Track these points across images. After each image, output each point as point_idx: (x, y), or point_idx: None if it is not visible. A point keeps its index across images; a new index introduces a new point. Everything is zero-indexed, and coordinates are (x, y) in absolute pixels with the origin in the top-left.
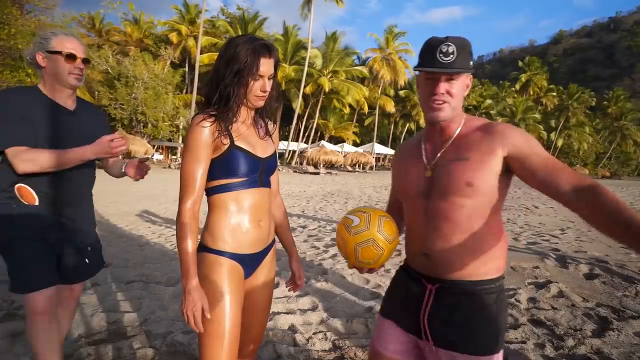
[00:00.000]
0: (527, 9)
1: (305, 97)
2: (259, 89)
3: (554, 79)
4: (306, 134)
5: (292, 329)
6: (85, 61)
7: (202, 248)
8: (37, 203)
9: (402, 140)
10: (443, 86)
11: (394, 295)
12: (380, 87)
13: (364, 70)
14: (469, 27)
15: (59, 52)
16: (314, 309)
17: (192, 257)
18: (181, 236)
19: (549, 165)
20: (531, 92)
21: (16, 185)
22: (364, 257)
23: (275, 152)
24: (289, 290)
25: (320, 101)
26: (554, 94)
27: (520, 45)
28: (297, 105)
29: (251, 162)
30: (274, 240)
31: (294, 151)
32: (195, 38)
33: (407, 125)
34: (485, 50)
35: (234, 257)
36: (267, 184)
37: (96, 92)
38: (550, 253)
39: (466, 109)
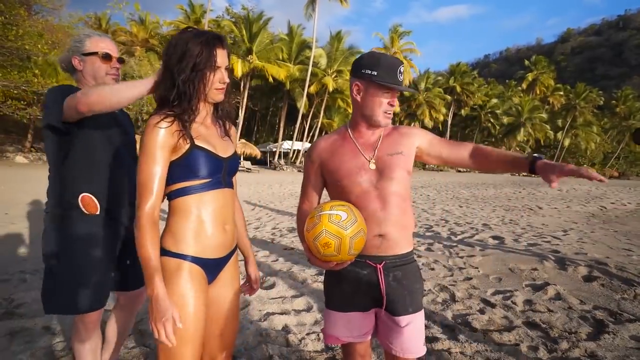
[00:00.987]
0: (534, 7)
1: (309, 97)
2: (218, 81)
3: (561, 78)
4: (311, 134)
5: (286, 329)
6: (120, 60)
7: (163, 251)
8: (98, 212)
9: None
10: (395, 100)
11: (340, 287)
12: None
13: None
14: (475, 26)
15: (95, 53)
16: (308, 309)
17: (156, 264)
18: (142, 243)
19: (447, 144)
20: (538, 92)
21: (80, 195)
22: (356, 248)
23: (236, 152)
24: (244, 295)
25: (324, 100)
26: (561, 93)
27: (527, 43)
28: (302, 104)
29: (213, 162)
30: (236, 245)
31: (299, 150)
32: None
33: (412, 124)
34: (492, 49)
35: (197, 261)
36: (231, 185)
37: None
38: (549, 255)
39: (472, 109)
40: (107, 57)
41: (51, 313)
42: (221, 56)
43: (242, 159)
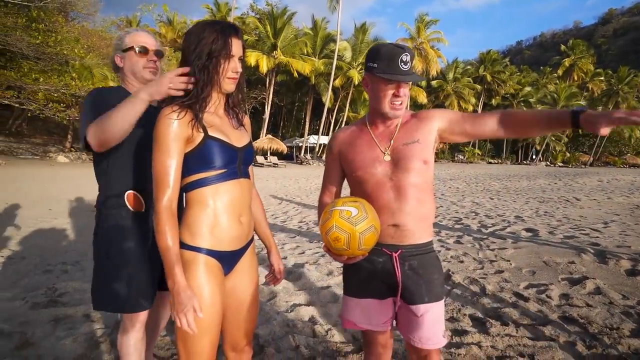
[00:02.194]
0: None
1: (334, 90)
2: (231, 70)
3: (602, 63)
4: (337, 127)
5: (312, 320)
6: (158, 53)
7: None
8: (144, 209)
9: None
10: (402, 90)
11: (358, 274)
12: None
13: None
14: (506, 11)
15: (132, 48)
16: (334, 301)
17: (176, 256)
18: (161, 235)
19: (469, 117)
20: (575, 78)
21: (126, 193)
22: (366, 244)
23: (250, 142)
24: (268, 284)
25: (350, 94)
26: (602, 78)
27: (564, 27)
28: (327, 98)
29: (228, 152)
30: (253, 236)
31: (325, 145)
32: None
33: None
34: (524, 35)
35: (212, 253)
36: (247, 175)
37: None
38: (588, 247)
39: (503, 98)
40: (143, 51)
41: (100, 310)
42: (236, 46)
43: (268, 154)
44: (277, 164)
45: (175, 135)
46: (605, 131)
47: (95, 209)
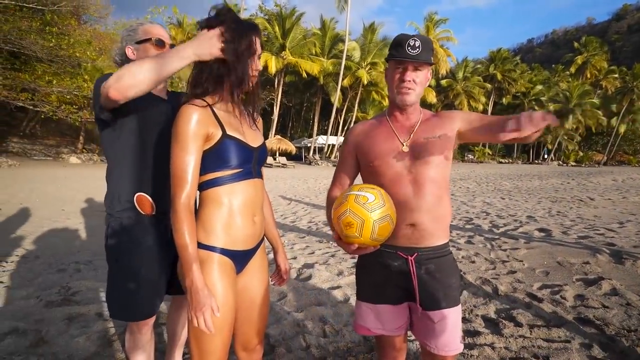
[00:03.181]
0: None
1: (343, 90)
2: (253, 69)
3: (616, 60)
4: (345, 128)
5: (323, 320)
6: (172, 47)
7: None
8: (154, 212)
9: None
10: (410, 75)
11: (372, 278)
12: None
13: None
14: (517, 9)
15: (149, 40)
16: (345, 301)
17: (194, 253)
18: (179, 232)
19: (486, 117)
20: (588, 75)
21: (136, 195)
22: (380, 234)
23: (264, 142)
24: (273, 285)
25: (359, 94)
26: (616, 75)
27: (577, 24)
28: (336, 98)
29: (244, 151)
30: (264, 235)
31: (333, 145)
32: None
33: None
34: (536, 33)
35: (226, 252)
36: (260, 175)
37: None
38: (603, 248)
39: (514, 97)
40: (160, 44)
41: (115, 318)
42: (258, 44)
43: (277, 154)
44: (285, 165)
45: (195, 132)
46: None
47: (106, 210)
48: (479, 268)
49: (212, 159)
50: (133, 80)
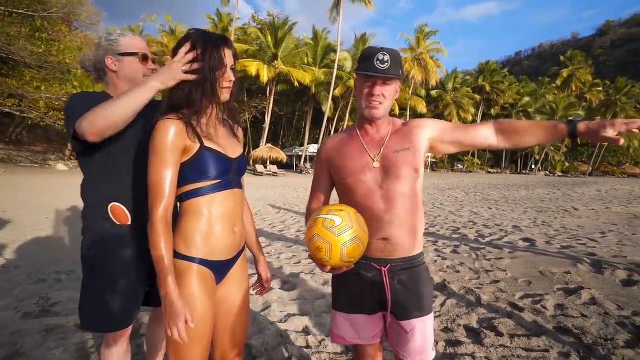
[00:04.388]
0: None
1: (335, 100)
2: (225, 80)
3: (600, 73)
4: None
5: (306, 330)
6: (154, 62)
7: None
8: (129, 223)
9: None
10: (379, 89)
11: (347, 289)
12: (411, 88)
13: None
14: (506, 22)
15: (135, 54)
16: (329, 311)
17: (170, 265)
18: (156, 244)
19: (463, 128)
20: (574, 88)
21: (110, 205)
22: (350, 256)
23: (244, 153)
24: (255, 294)
25: (350, 103)
26: (600, 88)
27: (562, 38)
28: (327, 107)
29: (223, 162)
30: (245, 245)
31: None
32: None
33: None
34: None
35: (205, 263)
36: (240, 185)
37: None
38: (584, 258)
39: (502, 108)
40: (145, 58)
41: (87, 330)
42: (228, 56)
43: (268, 163)
44: (276, 173)
45: (172, 145)
46: (620, 141)
47: (82, 221)
48: (463, 278)
49: (190, 170)
50: (107, 122)
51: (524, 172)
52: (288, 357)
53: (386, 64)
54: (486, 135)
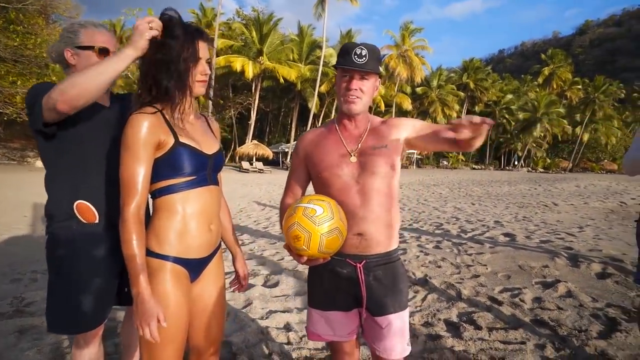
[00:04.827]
0: None
1: (321, 96)
2: (200, 73)
3: (580, 72)
4: None
5: (287, 327)
6: None
7: (146, 251)
8: (97, 221)
9: None
10: (356, 83)
11: (322, 285)
12: (397, 85)
13: (380, 67)
14: (489, 20)
15: (91, 48)
16: None
17: (142, 263)
18: (127, 242)
19: (435, 125)
20: (554, 86)
21: (75, 203)
22: (328, 247)
23: (221, 149)
24: (232, 291)
25: (336, 100)
26: (579, 86)
27: (544, 37)
28: (313, 104)
29: (198, 158)
30: (220, 242)
31: None
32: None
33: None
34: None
35: (179, 261)
36: (216, 182)
37: None
38: (562, 252)
39: (486, 105)
40: (104, 52)
41: (54, 332)
42: (202, 48)
43: (254, 159)
44: (262, 170)
45: (145, 140)
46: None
47: (44, 219)
48: (444, 272)
49: (164, 166)
50: (79, 90)
51: (507, 168)
52: (269, 354)
53: (364, 58)
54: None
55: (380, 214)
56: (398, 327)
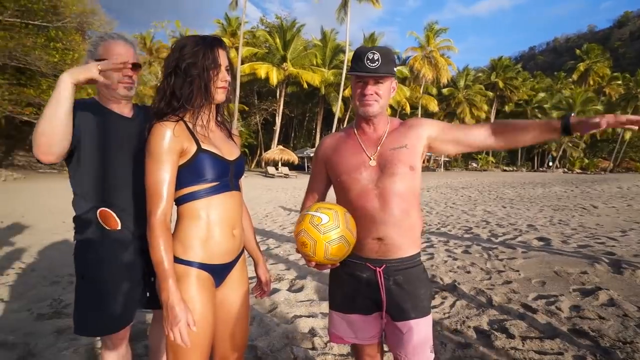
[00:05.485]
0: None
1: (345, 100)
2: (220, 80)
3: (619, 66)
4: None
5: (312, 332)
6: (135, 67)
7: None
8: (119, 227)
9: None
10: (371, 88)
11: (342, 289)
12: (422, 86)
13: (404, 70)
14: (518, 17)
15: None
16: None
17: (170, 268)
18: (155, 248)
19: (462, 127)
20: (591, 82)
21: (99, 210)
22: (334, 254)
23: (241, 155)
24: (255, 297)
25: None
26: (619, 82)
27: (578, 31)
28: (337, 108)
29: (220, 165)
30: (243, 248)
31: None
32: (237, 49)
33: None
34: (537, 41)
35: (204, 267)
36: (238, 188)
37: None
38: (602, 257)
39: (517, 104)
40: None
41: (80, 334)
42: (222, 56)
43: (280, 164)
44: (288, 175)
45: (169, 148)
46: (603, 124)
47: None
48: (474, 278)
49: (187, 173)
50: (47, 138)
51: (540, 169)
52: (293, 359)
53: (376, 62)
54: (484, 134)
55: (400, 217)
56: (420, 333)
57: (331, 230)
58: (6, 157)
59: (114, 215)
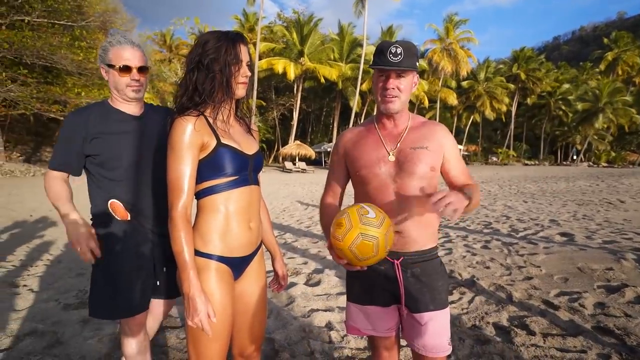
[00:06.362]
0: None
1: (362, 95)
2: (242, 75)
3: None
4: None
5: (329, 326)
6: (142, 69)
7: None
8: (129, 218)
9: (466, 134)
10: (393, 82)
11: (360, 281)
12: (441, 79)
13: (423, 63)
14: (541, 6)
15: (114, 66)
16: None
17: (191, 261)
18: (176, 241)
19: (464, 174)
20: (620, 72)
21: (109, 202)
22: (359, 249)
23: (259, 149)
24: (272, 291)
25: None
26: None
27: (607, 19)
28: (355, 103)
29: (240, 159)
30: (261, 241)
31: None
32: (255, 45)
33: (472, 117)
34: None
35: (223, 260)
36: (257, 182)
37: (168, 103)
38: (630, 253)
39: (539, 96)
40: (125, 70)
41: (94, 317)
42: (243, 52)
43: (297, 159)
44: (305, 170)
45: (190, 142)
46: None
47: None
48: (493, 274)
49: (207, 167)
50: (50, 198)
51: (564, 163)
52: (310, 352)
53: (399, 56)
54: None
55: (418, 212)
56: (438, 325)
57: (372, 226)
58: (35, 153)
59: (123, 206)
